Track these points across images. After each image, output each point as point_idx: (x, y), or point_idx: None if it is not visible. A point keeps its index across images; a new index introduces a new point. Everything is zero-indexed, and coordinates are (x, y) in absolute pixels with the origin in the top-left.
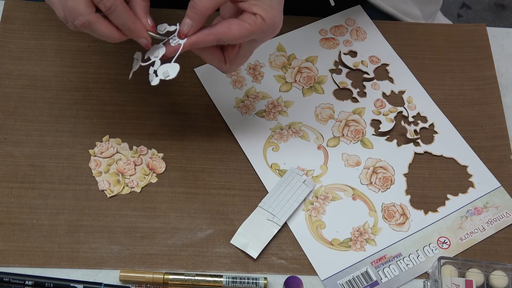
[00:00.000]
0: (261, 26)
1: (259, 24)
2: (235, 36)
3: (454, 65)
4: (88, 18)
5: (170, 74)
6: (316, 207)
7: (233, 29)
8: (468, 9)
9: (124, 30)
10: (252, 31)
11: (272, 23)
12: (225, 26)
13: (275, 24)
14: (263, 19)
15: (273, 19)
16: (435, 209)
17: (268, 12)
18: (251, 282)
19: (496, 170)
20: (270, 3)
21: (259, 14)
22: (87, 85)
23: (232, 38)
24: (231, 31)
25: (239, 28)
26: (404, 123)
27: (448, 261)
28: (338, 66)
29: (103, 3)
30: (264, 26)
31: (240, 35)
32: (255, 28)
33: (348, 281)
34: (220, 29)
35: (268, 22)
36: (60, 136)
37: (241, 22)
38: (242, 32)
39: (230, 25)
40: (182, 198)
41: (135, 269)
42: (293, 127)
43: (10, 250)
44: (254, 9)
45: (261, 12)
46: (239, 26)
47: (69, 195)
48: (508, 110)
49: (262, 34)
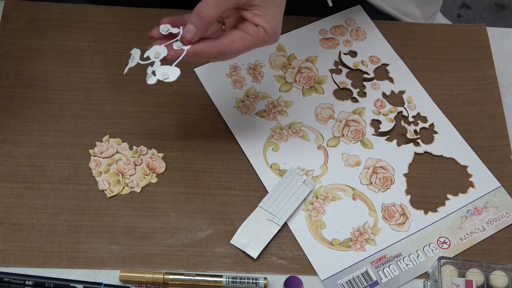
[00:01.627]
0: (264, 38)
1: (261, 36)
2: (239, 49)
3: (454, 65)
4: None
5: (169, 76)
6: (316, 207)
7: (237, 42)
8: (468, 9)
9: None
10: (254, 42)
11: (273, 34)
12: (229, 39)
13: (276, 34)
14: (265, 31)
15: (275, 29)
16: (435, 209)
17: (271, 23)
18: (251, 282)
19: (496, 170)
20: (273, 14)
21: (261, 25)
22: (87, 85)
23: (236, 51)
24: (235, 44)
25: (242, 41)
26: (404, 123)
27: (448, 261)
28: (338, 66)
29: None
30: (266, 37)
31: (243, 48)
32: (257, 40)
33: (348, 281)
34: (223, 42)
35: (270, 33)
36: (60, 136)
37: (243, 34)
38: (245, 45)
39: (233, 38)
40: (182, 198)
41: (135, 269)
42: (293, 127)
43: (10, 250)
44: (256, 20)
45: (263, 23)
46: (242, 40)
47: (69, 195)
48: (508, 110)
49: (263, 44)
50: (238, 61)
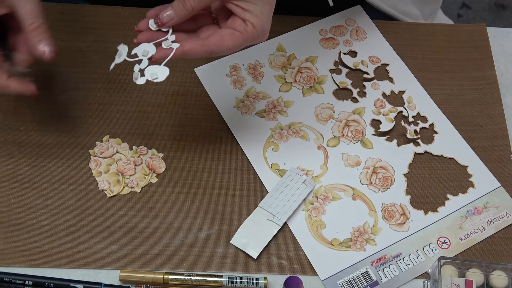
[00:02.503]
0: (253, 34)
1: (250, 32)
2: (229, 47)
3: (454, 65)
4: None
5: (158, 76)
6: (316, 207)
7: (226, 40)
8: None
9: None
10: (244, 39)
11: (262, 30)
12: (218, 38)
13: (265, 31)
14: (254, 27)
15: (264, 26)
16: (435, 209)
17: (260, 19)
18: (251, 282)
19: (496, 170)
20: (261, 10)
21: (250, 21)
22: (87, 85)
23: (226, 49)
24: (224, 42)
25: (232, 39)
26: (404, 123)
27: (448, 261)
28: (338, 66)
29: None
30: (255, 33)
31: (233, 45)
32: (246, 36)
33: (348, 281)
34: (212, 41)
35: (259, 29)
36: (60, 136)
37: (232, 32)
38: (234, 42)
39: (222, 36)
40: (182, 198)
41: (135, 269)
42: (293, 127)
43: (10, 250)
44: (245, 16)
45: (252, 19)
46: (231, 37)
47: (69, 195)
48: (508, 110)
49: (252, 41)
50: (238, 61)
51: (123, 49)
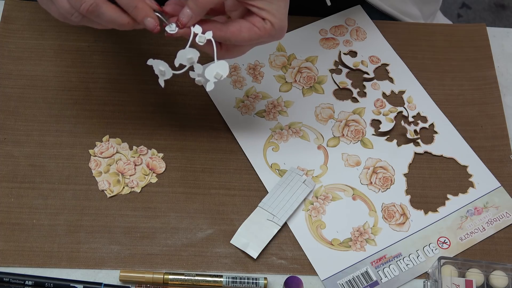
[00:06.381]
0: (270, 32)
1: (268, 29)
2: (244, 39)
3: (454, 65)
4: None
5: (223, 74)
6: (316, 207)
7: (244, 31)
8: (468, 9)
9: (129, 10)
10: (261, 35)
11: (280, 28)
12: (236, 27)
13: (283, 29)
14: (272, 25)
15: (281, 24)
16: (435, 209)
17: (277, 17)
18: (251, 282)
19: (496, 170)
20: (278, 8)
21: (268, 19)
22: (87, 85)
23: (241, 40)
24: (241, 33)
25: (249, 32)
26: (404, 123)
27: (448, 261)
28: (338, 66)
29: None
30: (273, 31)
31: (249, 38)
32: (264, 33)
33: (348, 281)
34: (230, 28)
35: (277, 27)
36: (60, 136)
37: (251, 26)
38: (251, 36)
39: (241, 26)
40: (182, 198)
41: (135, 269)
42: (293, 127)
43: (10, 250)
44: (263, 14)
45: (270, 18)
46: (249, 30)
47: (69, 195)
48: (508, 110)
49: (270, 38)
50: (238, 61)
51: (164, 66)
